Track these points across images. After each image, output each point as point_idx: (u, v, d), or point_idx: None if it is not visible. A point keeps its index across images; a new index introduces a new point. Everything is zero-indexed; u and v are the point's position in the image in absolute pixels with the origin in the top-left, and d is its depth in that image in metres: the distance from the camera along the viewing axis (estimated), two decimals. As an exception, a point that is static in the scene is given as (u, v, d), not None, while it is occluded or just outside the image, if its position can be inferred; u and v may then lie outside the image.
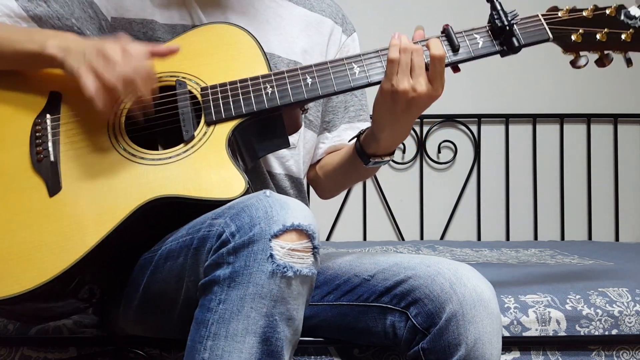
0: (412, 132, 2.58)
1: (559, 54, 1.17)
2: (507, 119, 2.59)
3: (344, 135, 1.33)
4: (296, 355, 1.20)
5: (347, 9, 1.39)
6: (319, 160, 1.36)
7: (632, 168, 2.63)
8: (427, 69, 1.06)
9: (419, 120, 2.56)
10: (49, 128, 1.08)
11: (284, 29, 1.26)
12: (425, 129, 2.59)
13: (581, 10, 1.16)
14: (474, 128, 2.59)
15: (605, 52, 1.16)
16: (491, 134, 2.61)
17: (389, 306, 1.07)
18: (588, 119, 2.61)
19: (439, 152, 2.59)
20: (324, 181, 1.35)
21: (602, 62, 1.17)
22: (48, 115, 1.09)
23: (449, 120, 2.58)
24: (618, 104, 2.62)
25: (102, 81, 0.98)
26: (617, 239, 2.61)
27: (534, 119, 2.60)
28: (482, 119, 2.59)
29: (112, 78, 0.98)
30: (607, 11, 1.15)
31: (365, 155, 1.18)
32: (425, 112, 2.70)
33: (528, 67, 2.55)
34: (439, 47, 1.06)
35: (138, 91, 1.00)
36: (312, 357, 1.21)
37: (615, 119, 2.61)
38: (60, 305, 1.07)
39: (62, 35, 1.07)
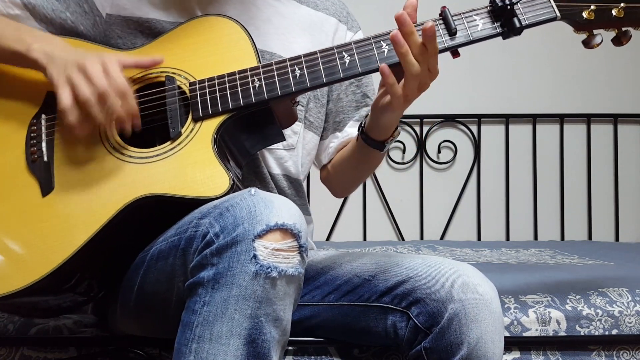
0: (412, 132, 2.58)
1: (559, 53, 1.15)
2: (507, 119, 2.59)
3: (350, 131, 1.33)
4: (296, 355, 1.20)
5: (350, 5, 1.39)
6: (330, 160, 1.36)
7: (632, 168, 2.63)
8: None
9: (418, 120, 2.56)
10: (43, 128, 1.08)
11: (285, 29, 1.25)
12: (425, 129, 2.58)
13: None
14: (474, 128, 2.59)
15: (624, 29, 1.05)
16: (491, 134, 2.61)
17: (390, 306, 1.07)
18: (588, 119, 2.61)
19: (439, 152, 2.59)
20: (336, 178, 1.35)
21: (619, 41, 1.06)
22: (43, 116, 1.09)
23: (449, 120, 2.58)
24: (618, 104, 2.62)
25: (76, 95, 0.99)
26: (617, 239, 2.61)
27: (534, 119, 2.59)
28: (482, 119, 2.59)
29: (86, 92, 0.98)
30: None
31: (380, 143, 1.17)
32: (425, 112, 2.69)
33: (528, 67, 2.55)
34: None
35: (114, 111, 1.00)
36: (312, 357, 1.21)
37: (615, 119, 2.61)
38: (58, 299, 1.07)
39: (49, 38, 1.07)
